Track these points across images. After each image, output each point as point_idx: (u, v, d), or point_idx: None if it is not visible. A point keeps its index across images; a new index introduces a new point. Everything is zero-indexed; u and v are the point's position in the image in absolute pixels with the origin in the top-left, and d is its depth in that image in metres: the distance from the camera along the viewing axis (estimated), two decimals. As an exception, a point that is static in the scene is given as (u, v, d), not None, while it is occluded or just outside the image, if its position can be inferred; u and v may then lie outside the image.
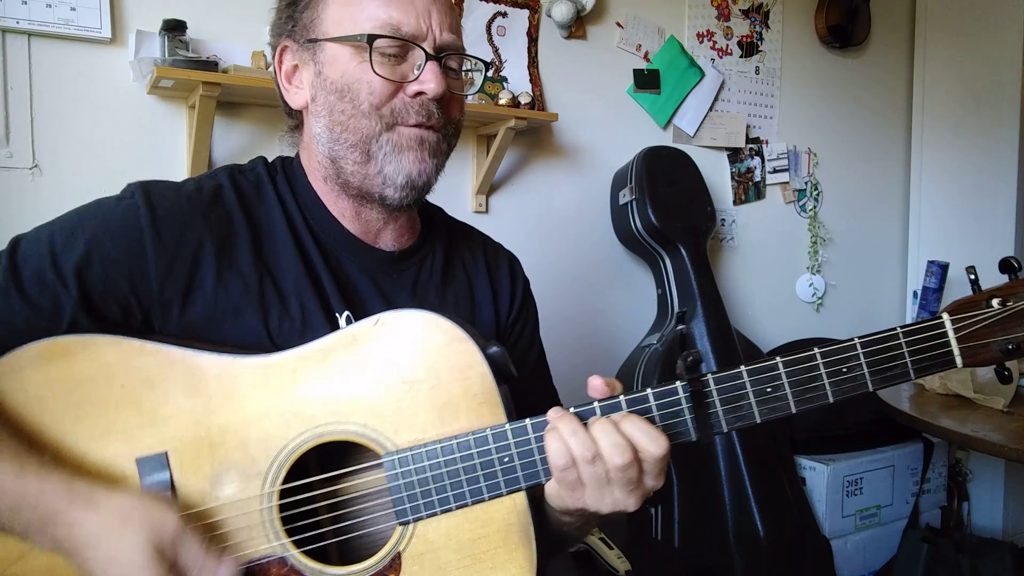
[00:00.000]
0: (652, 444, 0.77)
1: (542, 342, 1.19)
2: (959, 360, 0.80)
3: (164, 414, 0.82)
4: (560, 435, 0.78)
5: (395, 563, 0.83)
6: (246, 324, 0.89)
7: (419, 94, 0.91)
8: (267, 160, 1.03)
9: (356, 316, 0.94)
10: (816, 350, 0.80)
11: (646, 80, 2.60)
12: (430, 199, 1.05)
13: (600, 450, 0.77)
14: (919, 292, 2.78)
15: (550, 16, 2.39)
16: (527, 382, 1.08)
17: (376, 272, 1.00)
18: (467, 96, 1.03)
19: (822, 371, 0.80)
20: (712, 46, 2.76)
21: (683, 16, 2.70)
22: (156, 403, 0.82)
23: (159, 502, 0.78)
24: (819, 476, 2.50)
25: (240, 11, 1.92)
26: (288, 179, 1.00)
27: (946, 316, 0.80)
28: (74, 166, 1.77)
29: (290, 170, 1.01)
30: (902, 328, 0.80)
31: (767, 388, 0.80)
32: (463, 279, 1.08)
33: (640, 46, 2.60)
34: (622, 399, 0.81)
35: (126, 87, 1.82)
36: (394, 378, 0.83)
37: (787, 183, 2.97)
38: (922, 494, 2.72)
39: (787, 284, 3.01)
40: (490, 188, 2.34)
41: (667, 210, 2.42)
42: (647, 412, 0.81)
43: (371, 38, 0.89)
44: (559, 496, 0.82)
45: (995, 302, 0.80)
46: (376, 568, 0.83)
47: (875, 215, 3.24)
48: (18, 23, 1.68)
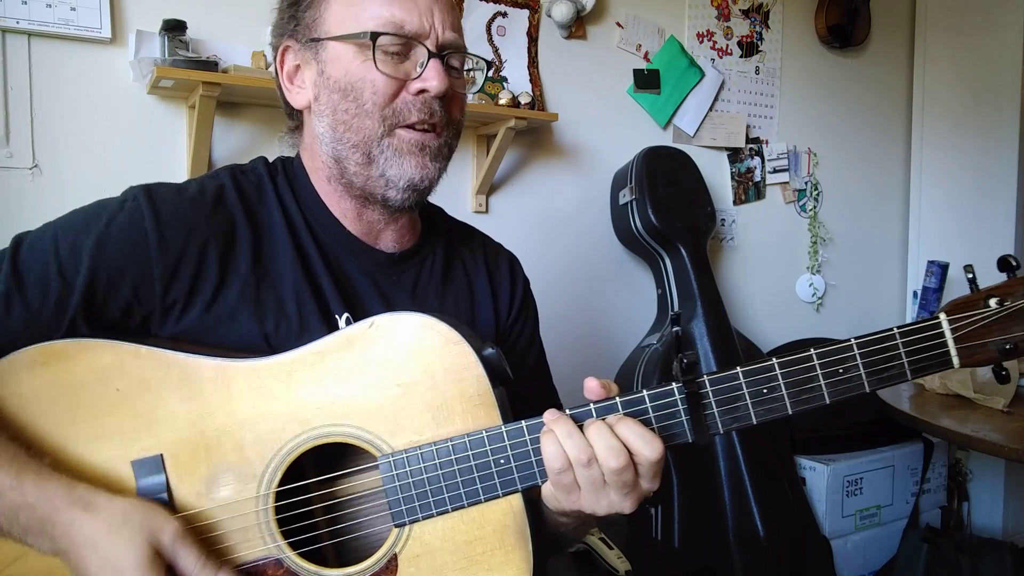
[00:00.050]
0: (647, 447, 0.77)
1: (542, 342, 1.19)
2: (956, 360, 0.80)
3: (159, 417, 0.82)
4: (556, 438, 0.78)
5: (391, 565, 0.83)
6: (242, 327, 0.89)
7: (422, 92, 0.91)
8: (268, 160, 1.03)
9: (356, 317, 0.93)
10: (812, 351, 0.80)
11: (646, 80, 2.60)
12: (430, 199, 1.05)
13: (595, 453, 0.77)
14: (919, 292, 2.78)
15: (550, 16, 2.39)
16: (527, 382, 1.08)
17: (376, 273, 1.00)
18: (468, 95, 1.03)
19: (818, 372, 0.80)
20: (712, 46, 2.75)
21: (683, 16, 2.69)
22: (151, 406, 0.82)
23: (158, 508, 0.79)
24: (819, 476, 2.50)
25: (240, 11, 1.92)
26: (289, 180, 1.00)
27: (943, 316, 0.80)
28: (74, 166, 1.77)
29: (291, 171, 1.01)
30: (899, 328, 0.80)
31: (763, 389, 0.80)
32: (463, 280, 1.08)
33: (640, 46, 2.60)
34: (618, 400, 0.81)
35: (126, 87, 1.82)
36: (390, 380, 0.83)
37: (787, 183, 2.96)
38: (922, 494, 2.72)
39: (787, 284, 3.01)
40: (490, 188, 2.34)
41: (667, 210, 2.42)
42: (643, 414, 0.81)
43: (374, 35, 0.89)
44: (555, 498, 0.82)
45: (993, 301, 0.79)
46: (372, 570, 0.82)
47: (875, 215, 3.24)
48: (18, 23, 1.68)
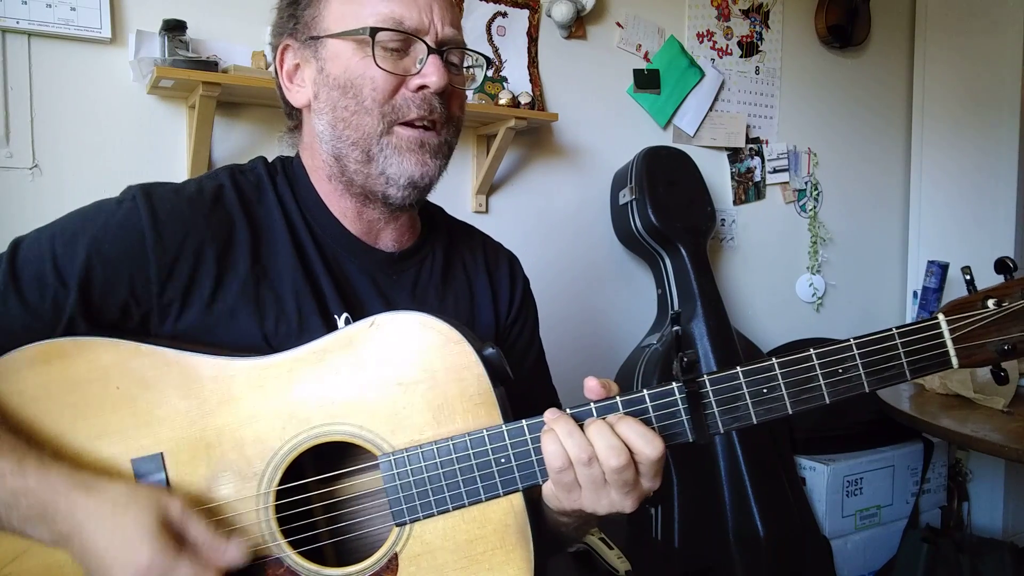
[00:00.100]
0: (648, 446, 0.77)
1: (542, 342, 1.19)
2: (955, 361, 0.80)
3: (160, 415, 0.82)
4: (556, 437, 0.78)
5: (392, 564, 0.83)
6: (242, 326, 0.89)
7: (421, 88, 0.91)
8: (267, 160, 1.03)
9: (355, 317, 0.94)
10: (812, 351, 0.80)
11: (646, 80, 2.60)
12: (430, 198, 1.05)
13: (596, 452, 0.77)
14: (919, 292, 2.78)
15: (550, 16, 2.39)
16: (526, 382, 1.08)
17: (376, 273, 1.00)
18: (468, 93, 1.03)
19: (818, 372, 0.80)
20: (712, 46, 2.75)
21: (683, 16, 2.69)
22: (152, 404, 0.82)
23: (164, 489, 0.79)
24: (819, 476, 2.50)
25: (240, 11, 1.92)
26: (288, 179, 1.00)
27: (942, 317, 0.80)
28: (74, 166, 1.78)
29: (290, 170, 1.01)
30: (898, 329, 0.80)
31: (763, 389, 0.80)
32: (463, 279, 1.08)
33: (640, 46, 2.60)
34: (618, 400, 0.81)
35: (126, 87, 1.82)
36: (390, 379, 0.83)
37: (787, 183, 2.97)
38: (922, 494, 2.72)
39: (787, 284, 3.01)
40: (490, 188, 2.34)
41: (667, 210, 2.42)
42: (643, 413, 0.81)
43: (373, 31, 0.89)
44: (556, 497, 0.82)
45: (991, 303, 0.80)
46: (373, 569, 0.83)
47: (875, 215, 3.24)
48: (18, 23, 1.68)
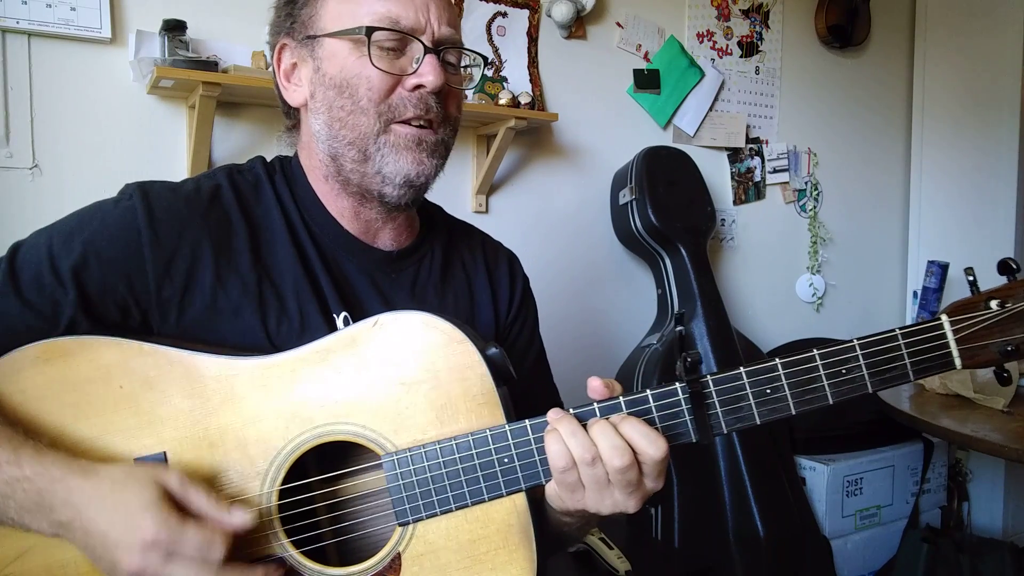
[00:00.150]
0: (651, 446, 0.77)
1: (542, 341, 1.19)
2: (958, 362, 0.80)
3: (162, 415, 0.82)
4: (560, 436, 0.78)
5: (395, 564, 0.83)
6: (245, 325, 0.89)
7: (418, 87, 0.91)
8: (265, 160, 1.03)
9: (354, 317, 0.94)
10: (815, 351, 0.80)
11: (646, 80, 2.60)
12: (430, 198, 1.05)
13: (600, 452, 0.77)
14: (919, 292, 2.79)
15: (550, 16, 2.39)
16: (527, 381, 1.08)
17: (375, 272, 1.00)
18: (465, 92, 1.03)
19: (821, 372, 0.80)
20: (712, 46, 2.75)
21: (683, 16, 2.69)
22: (154, 404, 0.82)
23: (161, 465, 0.79)
24: (819, 476, 2.50)
25: (240, 11, 1.92)
26: (287, 179, 1.00)
27: (945, 318, 0.80)
28: (74, 166, 1.77)
29: (288, 170, 1.01)
30: (901, 329, 0.80)
31: (767, 389, 0.80)
32: (462, 278, 1.08)
33: (640, 46, 2.60)
34: (621, 400, 0.81)
35: (126, 87, 1.82)
36: (393, 379, 0.83)
37: (787, 183, 2.97)
38: (922, 494, 2.72)
39: (787, 284, 3.01)
40: (490, 188, 2.34)
41: (667, 210, 2.42)
42: (647, 413, 0.81)
43: (369, 30, 0.89)
44: (559, 497, 0.82)
45: (994, 304, 0.80)
46: (376, 569, 0.83)
47: (875, 215, 3.24)
48: (18, 23, 1.68)
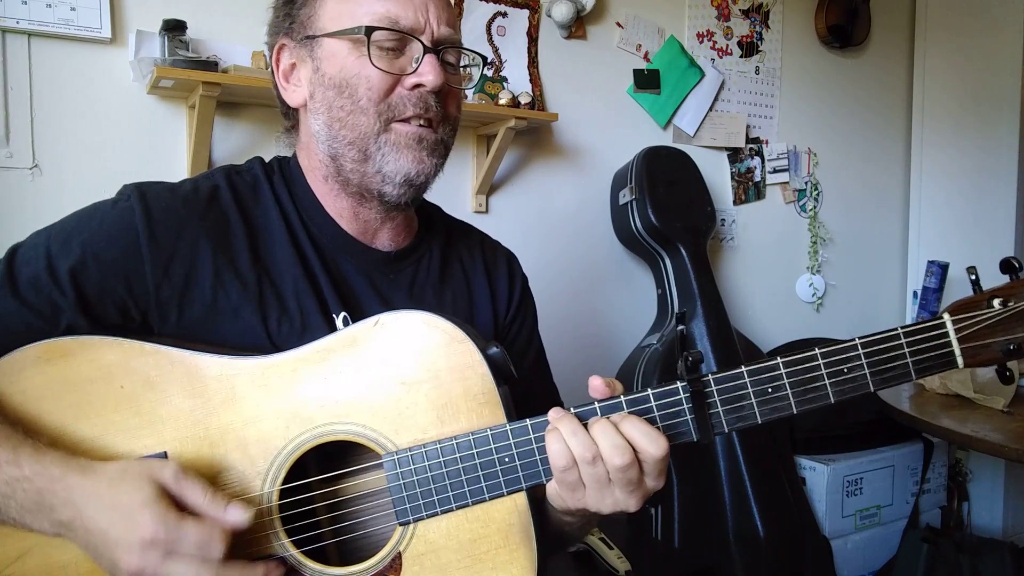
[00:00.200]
0: (652, 445, 0.77)
1: (541, 340, 1.19)
2: (960, 360, 0.80)
3: (163, 414, 0.82)
4: (560, 436, 0.78)
5: (395, 563, 0.83)
6: (245, 325, 0.89)
7: (417, 87, 0.91)
8: (264, 160, 1.03)
9: (353, 317, 0.94)
10: (817, 350, 0.80)
11: (646, 80, 2.60)
12: (429, 197, 1.05)
13: (600, 451, 0.77)
14: (919, 292, 2.78)
15: (550, 16, 2.39)
16: (526, 381, 1.08)
17: (373, 272, 1.00)
18: (464, 92, 1.03)
19: (823, 371, 0.80)
20: (712, 46, 2.75)
21: (683, 16, 2.69)
22: (155, 403, 0.82)
23: (157, 459, 0.79)
24: (819, 476, 2.50)
25: (240, 11, 1.92)
26: (285, 179, 1.00)
27: (947, 316, 0.80)
28: (74, 166, 1.77)
29: (287, 170, 1.01)
30: (903, 328, 0.80)
31: (768, 388, 0.80)
32: (461, 278, 1.08)
33: (640, 46, 2.60)
34: (623, 399, 0.81)
35: (126, 87, 1.82)
36: (393, 379, 0.83)
37: (787, 183, 2.97)
38: (922, 494, 2.72)
39: (787, 284, 3.01)
40: (490, 188, 2.34)
41: (667, 210, 2.42)
42: (648, 412, 0.81)
43: (369, 30, 0.89)
44: (560, 497, 0.82)
45: (996, 302, 0.79)
46: (376, 568, 0.82)
47: (875, 215, 3.24)
48: (18, 23, 1.67)
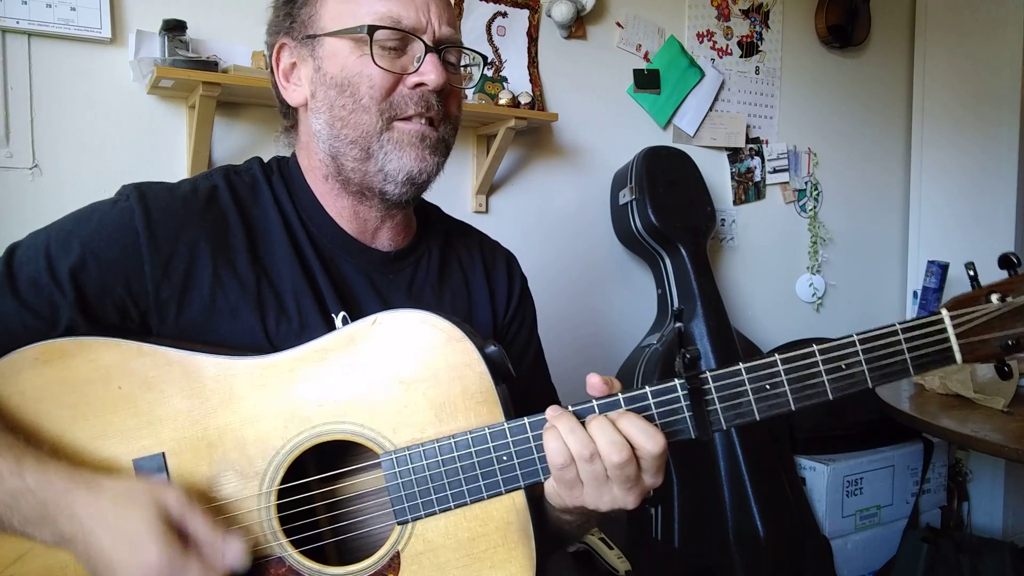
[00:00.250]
0: (649, 442, 0.77)
1: (540, 340, 1.19)
2: (958, 356, 0.80)
3: (161, 415, 0.82)
4: (558, 433, 0.78)
5: (394, 563, 0.83)
6: (243, 324, 0.89)
7: (419, 86, 0.91)
8: (263, 160, 1.03)
9: (352, 317, 0.94)
10: (815, 347, 0.80)
11: (646, 80, 2.60)
12: (430, 197, 1.05)
13: (598, 448, 0.77)
14: (919, 292, 2.78)
15: (550, 16, 2.39)
16: (525, 381, 1.08)
17: (372, 272, 1.00)
18: (465, 91, 1.03)
19: (821, 368, 0.80)
20: (712, 46, 2.75)
21: (683, 16, 2.69)
22: (153, 404, 0.82)
23: (160, 481, 0.79)
24: (819, 476, 2.50)
25: (240, 11, 1.92)
26: (284, 179, 1.00)
27: (945, 312, 0.80)
28: (74, 166, 1.77)
29: (286, 170, 1.01)
30: (901, 324, 0.80)
31: (766, 385, 0.80)
32: (460, 278, 1.08)
33: (640, 46, 2.60)
34: (620, 397, 0.81)
35: (126, 87, 1.82)
36: (391, 378, 0.82)
37: (787, 183, 2.97)
38: (922, 494, 2.72)
39: (787, 284, 3.01)
40: (490, 188, 2.34)
41: (667, 210, 2.42)
42: (646, 410, 0.81)
43: (371, 29, 0.89)
44: (558, 495, 0.82)
45: (994, 298, 0.79)
46: (375, 568, 0.82)
47: (875, 215, 3.24)
48: (18, 23, 1.68)
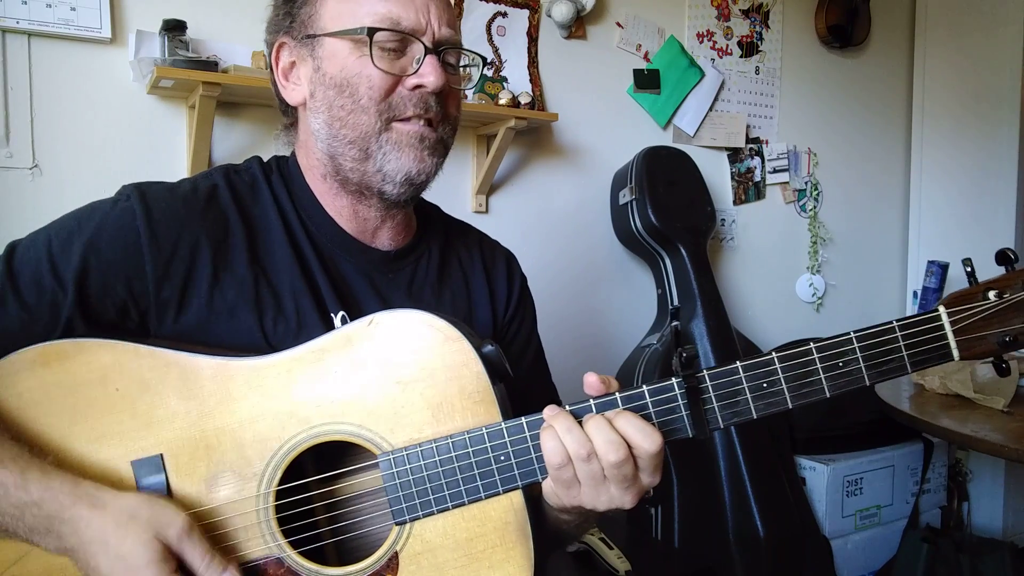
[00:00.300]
0: (646, 440, 0.77)
1: (540, 340, 1.19)
2: (956, 353, 0.80)
3: (159, 416, 0.82)
4: (555, 433, 0.78)
5: (392, 563, 0.83)
6: (241, 325, 0.89)
7: (418, 87, 0.91)
8: (262, 160, 1.03)
9: (352, 316, 0.94)
10: (812, 344, 0.80)
11: (646, 80, 2.60)
12: (429, 197, 1.05)
13: (595, 448, 0.77)
14: (919, 292, 2.78)
15: (550, 16, 2.39)
16: (525, 380, 1.08)
17: (372, 272, 1.00)
18: (464, 92, 1.03)
19: (818, 365, 0.80)
20: (712, 46, 2.75)
21: (683, 16, 2.69)
22: (151, 406, 0.82)
23: (165, 503, 0.79)
24: (819, 476, 2.50)
25: (240, 11, 1.92)
26: (284, 178, 1.00)
27: (942, 309, 0.80)
28: (74, 166, 1.77)
29: (285, 169, 1.01)
30: (898, 321, 0.80)
31: (763, 383, 0.80)
32: (459, 277, 1.08)
33: (640, 46, 2.60)
34: (618, 396, 0.81)
35: (126, 87, 1.82)
36: (389, 378, 0.82)
37: (787, 183, 2.97)
38: (922, 494, 2.71)
39: (787, 284, 3.01)
40: (490, 188, 2.34)
41: (667, 210, 2.42)
42: (643, 409, 0.80)
43: (371, 31, 0.89)
44: (556, 495, 0.82)
45: (992, 294, 0.79)
46: (373, 568, 0.82)
47: (875, 215, 3.24)
48: (18, 23, 1.68)
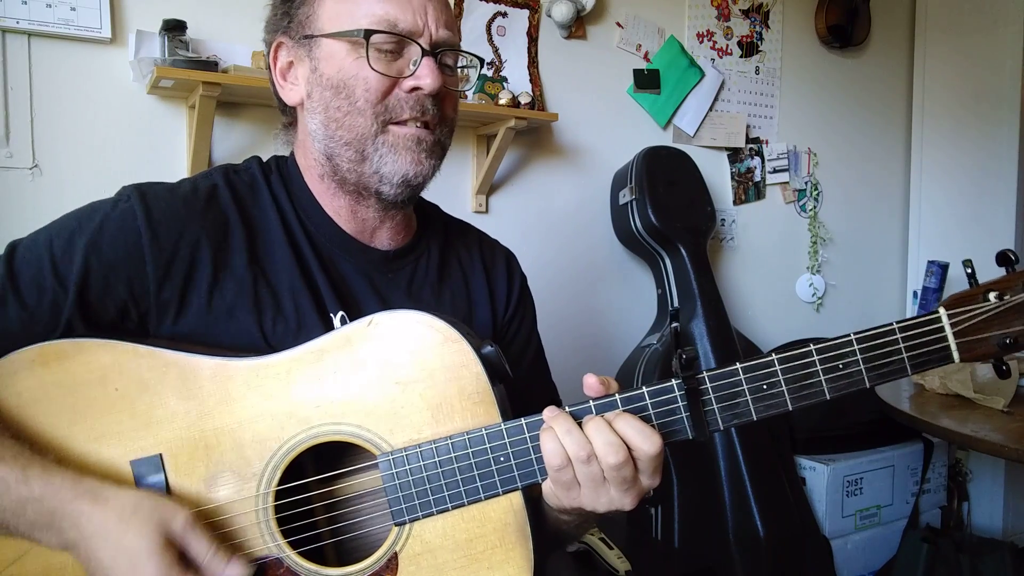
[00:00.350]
0: (646, 442, 0.77)
1: (540, 339, 1.19)
2: (956, 355, 0.80)
3: (158, 416, 0.82)
4: (555, 434, 0.78)
5: (392, 563, 0.83)
6: (240, 325, 0.89)
7: (415, 89, 0.91)
8: (262, 160, 1.02)
9: (351, 316, 0.94)
10: (812, 346, 0.80)
11: (646, 80, 2.60)
12: (429, 197, 1.05)
13: (594, 449, 0.77)
14: (919, 292, 2.78)
15: (550, 16, 2.39)
16: (525, 380, 1.08)
17: (371, 272, 1.00)
18: (462, 93, 1.03)
19: (818, 367, 0.80)
20: (712, 46, 2.75)
21: (683, 16, 2.69)
22: (150, 406, 0.82)
23: (166, 498, 0.79)
24: (819, 476, 2.50)
25: (240, 11, 1.92)
26: (283, 178, 1.00)
27: (943, 311, 0.80)
28: (74, 166, 1.77)
29: (285, 169, 1.01)
30: (898, 323, 0.80)
31: (763, 385, 0.80)
32: (459, 277, 1.08)
33: (640, 46, 2.60)
34: (617, 397, 0.81)
35: (126, 87, 1.82)
36: (388, 378, 0.82)
37: (787, 183, 2.96)
38: (922, 494, 2.72)
39: (787, 284, 3.01)
40: (490, 188, 2.34)
41: (667, 210, 2.42)
42: (643, 410, 0.80)
43: (368, 33, 0.89)
44: (555, 496, 0.82)
45: (992, 296, 0.79)
46: (373, 569, 0.82)
47: (875, 215, 3.24)
48: (18, 23, 1.68)
